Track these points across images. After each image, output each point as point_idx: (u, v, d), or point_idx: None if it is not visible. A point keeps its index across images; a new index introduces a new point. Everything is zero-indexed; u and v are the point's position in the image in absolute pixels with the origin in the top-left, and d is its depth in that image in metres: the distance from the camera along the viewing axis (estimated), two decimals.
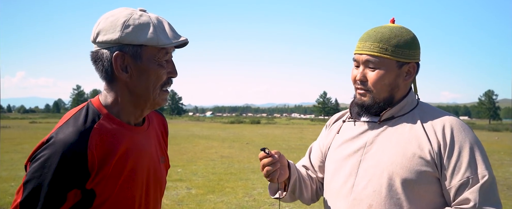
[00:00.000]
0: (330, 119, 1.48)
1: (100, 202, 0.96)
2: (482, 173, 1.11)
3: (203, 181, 7.26)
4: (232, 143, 15.78)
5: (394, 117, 1.25)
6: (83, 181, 0.93)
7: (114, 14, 1.01)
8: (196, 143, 15.41)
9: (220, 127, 33.21)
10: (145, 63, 1.01)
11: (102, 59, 1.00)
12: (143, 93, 1.03)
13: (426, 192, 1.15)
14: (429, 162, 1.14)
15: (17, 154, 10.87)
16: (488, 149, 15.13)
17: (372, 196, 1.17)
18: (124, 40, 0.98)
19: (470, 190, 1.10)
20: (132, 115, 1.07)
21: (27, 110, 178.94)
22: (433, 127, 1.18)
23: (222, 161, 9.99)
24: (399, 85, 1.23)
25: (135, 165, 1.03)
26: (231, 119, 57.41)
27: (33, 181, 0.91)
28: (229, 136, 19.97)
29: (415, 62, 1.24)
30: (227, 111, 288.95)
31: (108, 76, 1.02)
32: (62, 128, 0.96)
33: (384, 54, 1.20)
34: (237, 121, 50.41)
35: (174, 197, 5.90)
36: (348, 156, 1.27)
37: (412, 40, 1.23)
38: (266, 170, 1.22)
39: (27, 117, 69.30)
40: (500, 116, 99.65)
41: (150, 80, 1.02)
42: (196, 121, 58.68)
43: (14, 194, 3.85)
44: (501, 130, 35.75)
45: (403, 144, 1.18)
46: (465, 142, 1.15)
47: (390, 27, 1.25)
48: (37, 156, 0.93)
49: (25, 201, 0.91)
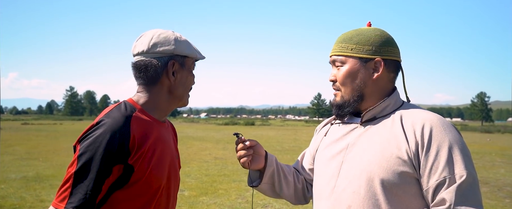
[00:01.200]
0: (319, 124, 1.52)
1: (136, 179, 1.12)
2: (460, 173, 1.08)
3: (196, 182, 7.23)
4: (226, 144, 15.76)
5: (376, 118, 1.25)
6: (125, 157, 1.10)
7: (162, 32, 1.25)
8: (190, 145, 15.36)
9: (214, 129, 33.15)
10: (186, 71, 1.27)
11: (156, 66, 1.22)
12: (181, 94, 1.28)
13: (405, 193, 1.13)
14: (406, 162, 1.12)
15: (8, 156, 10.75)
16: (480, 150, 15.26)
17: (352, 197, 1.17)
18: (177, 51, 1.24)
19: (446, 190, 1.08)
20: (163, 112, 1.28)
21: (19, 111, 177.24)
22: (412, 126, 1.16)
23: (215, 163, 9.97)
24: (366, 82, 1.24)
25: (162, 153, 1.21)
26: (225, 120, 57.38)
27: (86, 154, 1.07)
28: (223, 138, 19.95)
29: (382, 58, 1.23)
30: (222, 112, 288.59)
31: (153, 80, 1.23)
32: (109, 114, 1.15)
33: (345, 52, 1.26)
34: (232, 122, 50.41)
35: None
36: (332, 157, 1.28)
37: (376, 37, 1.24)
38: (238, 154, 1.31)
39: (19, 118, 68.63)
40: (492, 118, 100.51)
41: (186, 84, 1.28)
42: (190, 122, 58.52)
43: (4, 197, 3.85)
44: (493, 132, 36.10)
45: (382, 144, 1.18)
46: (444, 141, 1.11)
47: (358, 29, 1.29)
48: (88, 135, 1.09)
49: (78, 171, 1.06)
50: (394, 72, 1.28)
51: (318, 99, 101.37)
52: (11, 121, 50.02)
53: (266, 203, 5.60)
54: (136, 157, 1.12)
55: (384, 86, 1.27)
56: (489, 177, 8.42)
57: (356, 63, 1.24)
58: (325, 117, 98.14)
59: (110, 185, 1.11)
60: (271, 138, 20.15)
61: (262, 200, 5.77)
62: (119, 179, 1.12)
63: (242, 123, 48.34)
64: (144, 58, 1.23)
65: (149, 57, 1.23)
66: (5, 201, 5.48)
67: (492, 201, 6.10)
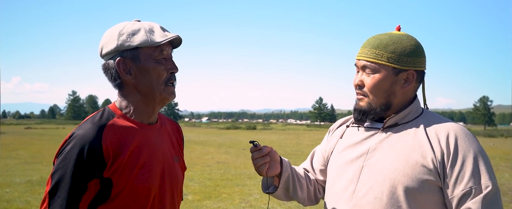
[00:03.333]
0: (333, 124, 1.49)
1: (117, 192, 1.06)
2: (486, 184, 1.09)
3: (200, 187, 7.24)
4: (228, 148, 15.77)
5: (398, 124, 1.24)
6: (100, 170, 1.04)
7: (111, 28, 1.16)
8: (192, 149, 15.38)
9: (216, 133, 33.17)
10: (144, 63, 1.13)
11: (109, 68, 1.14)
12: (149, 90, 1.15)
13: (428, 200, 1.13)
14: (431, 171, 1.12)
15: (12, 159, 10.80)
16: None
17: (373, 203, 1.16)
18: (122, 47, 1.12)
19: (472, 201, 1.08)
20: (145, 114, 1.18)
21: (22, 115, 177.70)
22: (437, 135, 1.17)
23: (218, 167, 9.98)
24: (395, 92, 1.23)
25: (149, 159, 1.13)
26: (227, 125, 57.33)
27: (58, 172, 1.03)
28: (225, 142, 19.96)
29: (414, 70, 1.22)
30: (223, 116, 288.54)
31: (118, 83, 1.16)
32: (82, 125, 1.10)
33: (380, 60, 1.21)
34: (233, 126, 50.37)
35: None
36: (351, 161, 1.26)
37: (412, 48, 1.22)
38: (256, 162, 1.28)
39: (22, 122, 68.85)
40: (495, 122, 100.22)
41: (152, 77, 1.14)
42: (192, 126, 58.58)
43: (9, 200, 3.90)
44: (496, 136, 35.96)
45: (406, 152, 1.17)
46: (469, 151, 1.12)
47: (390, 34, 1.26)
48: (61, 151, 1.06)
49: (52, 190, 1.03)
50: (419, 82, 1.27)
51: (319, 104, 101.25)
52: (14, 125, 50.24)
53: (269, 207, 5.60)
54: (113, 168, 1.05)
55: (409, 95, 1.27)
56: None
57: (390, 74, 1.21)
58: (326, 121, 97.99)
59: (91, 201, 1.05)
60: (273, 142, 20.15)
61: (266, 204, 5.77)
62: (99, 194, 1.05)
63: (244, 127, 48.33)
64: (102, 63, 1.17)
65: (104, 60, 1.16)
66: (10, 205, 5.51)
67: None
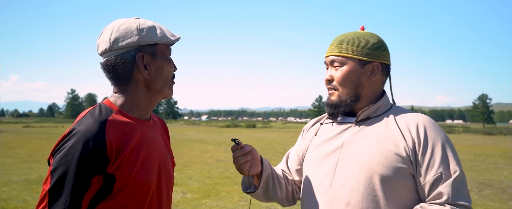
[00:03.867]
0: (307, 124, 1.54)
1: (120, 188, 1.04)
2: (454, 169, 1.17)
3: (199, 185, 7.22)
4: (227, 147, 15.74)
5: (370, 118, 1.31)
6: (104, 166, 1.01)
7: (123, 23, 1.13)
8: (191, 147, 15.37)
9: (215, 131, 33.16)
10: (160, 60, 1.15)
11: (123, 63, 1.11)
12: (161, 87, 1.16)
13: (402, 188, 1.19)
14: (404, 159, 1.18)
15: (10, 158, 10.76)
16: (483, 152, 15.22)
17: (350, 193, 1.20)
18: (142, 41, 1.11)
19: (443, 185, 1.15)
20: (145, 109, 1.17)
21: (21, 114, 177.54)
22: (407, 125, 1.24)
23: (217, 165, 9.96)
24: (363, 83, 1.30)
25: (148, 155, 1.12)
26: (226, 123, 57.38)
27: (59, 169, 0.99)
28: (225, 140, 19.93)
29: (379, 62, 1.30)
30: (223, 114, 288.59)
31: (126, 79, 1.13)
32: (82, 121, 1.06)
33: (346, 53, 1.29)
34: (233, 124, 50.40)
35: None
36: (326, 155, 1.31)
37: (375, 42, 1.31)
38: (237, 160, 1.28)
39: (21, 121, 68.76)
40: (494, 120, 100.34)
41: (164, 74, 1.16)
42: (191, 124, 58.52)
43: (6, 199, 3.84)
44: (495, 134, 36.02)
45: (380, 142, 1.23)
46: (437, 139, 1.20)
47: (356, 32, 1.34)
48: (61, 147, 1.01)
49: (53, 188, 0.99)
50: (385, 76, 1.35)
51: (319, 102, 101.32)
52: (12, 123, 50.15)
53: (268, 206, 5.58)
54: (116, 164, 1.03)
55: (377, 88, 1.34)
56: (493, 179, 8.38)
57: (356, 65, 1.29)
58: None
59: (92, 198, 1.02)
60: (273, 140, 20.14)
61: (265, 202, 5.74)
62: (101, 190, 1.03)
63: (243, 125, 48.33)
64: (110, 58, 1.12)
65: (114, 55, 1.11)
66: (8, 204, 5.48)
67: (495, 204, 6.07)
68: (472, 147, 18.08)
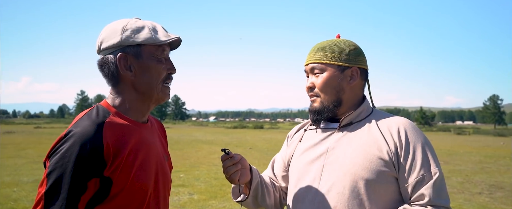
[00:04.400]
0: (291, 130, 1.56)
1: (117, 192, 1.03)
2: (434, 171, 1.20)
3: (206, 186, 7.22)
4: (235, 148, 15.74)
5: (352, 123, 1.34)
6: (100, 169, 1.00)
7: (113, 23, 1.13)
8: (199, 148, 15.40)
9: (223, 132, 33.21)
10: (146, 61, 1.11)
11: (108, 63, 1.11)
12: (147, 89, 1.13)
13: (385, 191, 1.22)
14: (387, 162, 1.22)
15: (21, 159, 10.89)
16: (494, 154, 14.99)
17: (336, 198, 1.22)
18: (125, 42, 1.10)
19: (424, 187, 1.19)
20: (140, 112, 1.15)
21: (32, 115, 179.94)
22: (388, 129, 1.27)
23: None
24: (344, 88, 1.33)
25: (145, 158, 1.11)
26: (234, 124, 57.47)
27: (55, 172, 0.97)
28: (232, 141, 19.94)
29: (357, 67, 1.34)
30: (230, 115, 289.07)
31: (114, 79, 1.12)
32: (78, 123, 1.04)
33: (325, 60, 1.33)
34: (240, 125, 50.45)
35: (176, 203, 5.87)
36: (311, 161, 1.33)
37: (351, 48, 1.35)
38: (226, 170, 1.29)
39: (32, 122, 69.71)
40: (506, 121, 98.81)
41: (152, 76, 1.12)
42: (199, 125, 58.72)
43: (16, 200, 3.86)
44: (507, 135, 35.45)
45: (363, 147, 1.25)
46: (418, 142, 1.24)
47: (332, 40, 1.38)
48: (57, 149, 1.00)
49: (49, 191, 0.97)
50: (364, 81, 1.38)
51: None
52: (24, 124, 50.85)
53: None
54: (113, 167, 1.02)
55: (358, 93, 1.37)
56: (504, 182, 8.24)
57: (335, 71, 1.32)
58: None
59: (88, 201, 1.01)
60: (280, 141, 20.06)
61: None
62: (98, 194, 1.01)
63: (251, 126, 48.35)
64: (100, 57, 1.13)
65: (103, 54, 1.12)
66: (17, 204, 5.53)
67: (507, 207, 5.96)
68: (482, 149, 17.82)
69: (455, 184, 7.85)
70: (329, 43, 1.35)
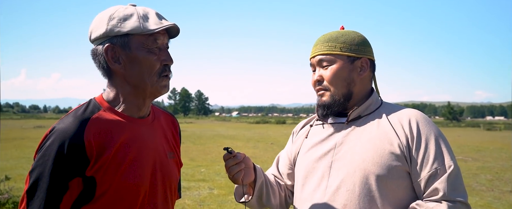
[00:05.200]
0: (297, 126, 1.48)
1: (102, 192, 0.97)
2: (448, 164, 1.14)
3: (226, 181, 7.22)
4: (256, 143, 15.75)
5: (361, 116, 1.27)
6: (82, 168, 0.95)
7: (103, 12, 1.06)
8: (220, 143, 15.48)
9: (245, 127, 33.31)
10: (135, 52, 1.03)
11: (97, 55, 1.04)
12: (139, 82, 1.05)
13: (398, 186, 1.16)
14: (399, 156, 1.16)
15: None
16: None
17: (346, 195, 1.17)
18: (111, 32, 1.02)
19: (438, 181, 1.12)
20: (135, 107, 1.08)
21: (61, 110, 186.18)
22: (399, 121, 1.21)
23: None
24: (354, 80, 1.27)
25: (138, 155, 1.04)
26: (256, 119, 57.60)
27: (36, 170, 0.95)
28: (254, 136, 19.96)
29: (367, 58, 1.28)
30: (253, 111, 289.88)
31: (106, 72, 1.06)
32: (63, 119, 1.00)
33: (334, 51, 1.26)
34: (263, 121, 50.51)
35: (196, 197, 5.90)
36: (319, 158, 1.27)
37: (359, 38, 1.29)
38: (231, 170, 1.23)
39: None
40: None
41: (142, 68, 1.04)
42: (222, 121, 59.18)
43: None
44: None
45: (373, 141, 1.19)
46: (430, 134, 1.18)
47: (338, 31, 1.32)
48: (41, 147, 0.97)
49: (30, 190, 0.94)
50: (373, 72, 1.32)
51: None
52: (53, 119, 52.80)
53: None
54: (96, 166, 0.96)
55: (367, 85, 1.31)
56: None
57: (345, 62, 1.26)
58: None
59: (73, 201, 0.96)
60: None
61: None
62: (83, 194, 0.96)
63: (273, 121, 48.30)
64: (92, 48, 1.06)
65: (93, 46, 1.05)
66: None
67: None
68: None
69: (484, 181, 7.55)
70: (336, 34, 1.29)
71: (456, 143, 16.50)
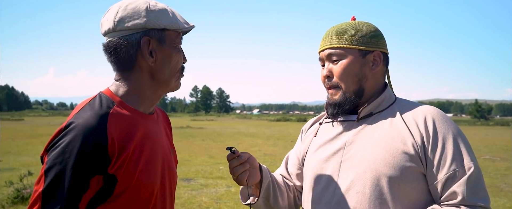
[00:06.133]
0: (305, 124, 1.42)
1: (121, 190, 0.94)
2: (468, 165, 1.05)
3: None
4: (276, 141, 15.67)
5: (373, 114, 1.20)
6: (104, 166, 0.91)
7: (131, 2, 1.02)
8: (240, 140, 15.49)
9: (266, 125, 33.25)
10: (168, 48, 1.03)
11: (127, 46, 1.00)
12: (166, 77, 1.05)
13: (412, 189, 1.08)
14: (413, 157, 1.08)
15: None
16: None
17: (356, 198, 1.10)
18: (150, 25, 1.00)
19: (457, 184, 1.04)
20: (150, 102, 1.06)
21: None
22: (414, 119, 1.13)
23: (264, 159, 9.89)
24: (366, 75, 1.19)
25: (152, 152, 1.02)
26: (277, 117, 57.46)
27: (55, 168, 0.88)
28: (274, 134, 19.88)
29: (380, 51, 1.20)
30: (274, 108, 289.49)
31: (129, 64, 1.02)
32: (80, 114, 0.95)
33: (344, 44, 1.18)
34: (284, 118, 50.33)
35: (213, 195, 5.89)
36: (328, 158, 1.20)
37: (372, 30, 1.21)
38: (234, 171, 1.17)
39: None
40: None
41: (172, 64, 1.04)
42: (243, 118, 59.33)
43: None
44: None
45: (385, 140, 1.12)
46: (448, 133, 1.09)
47: (349, 22, 1.24)
48: (56, 143, 0.90)
49: (47, 189, 0.88)
50: (386, 66, 1.24)
51: None
52: None
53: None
54: (118, 163, 0.93)
55: (380, 80, 1.23)
56: None
57: (357, 56, 1.18)
58: None
59: (90, 200, 0.92)
60: None
61: None
62: (100, 193, 0.93)
63: (294, 119, 48.04)
64: (112, 39, 1.01)
65: (118, 36, 1.00)
66: None
67: None
68: None
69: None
70: (347, 25, 1.21)
71: (484, 142, 15.92)
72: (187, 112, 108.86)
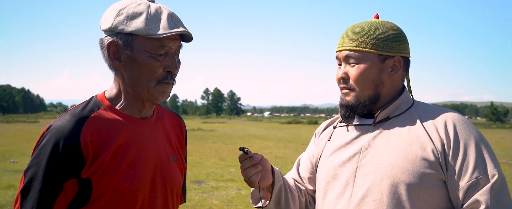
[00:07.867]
0: (319, 126, 1.38)
1: (98, 195, 0.94)
2: (492, 172, 1.01)
3: None
4: (287, 143, 15.62)
5: (390, 118, 1.15)
6: (78, 170, 0.92)
7: (117, 3, 1.01)
8: (251, 143, 15.48)
9: (277, 127, 33.20)
10: (136, 54, 0.97)
11: (102, 48, 1.01)
12: (135, 85, 1.00)
13: (432, 197, 1.04)
14: (433, 163, 1.04)
15: None
16: None
17: (373, 206, 1.07)
18: (116, 28, 0.97)
19: (480, 192, 1.00)
20: (135, 107, 1.03)
21: None
22: (434, 124, 1.09)
23: (275, 162, 9.86)
24: (383, 81, 1.15)
25: (137, 158, 1.00)
26: (288, 119, 57.33)
27: (31, 169, 0.92)
28: (285, 136, 19.83)
29: (400, 56, 1.15)
30: (285, 111, 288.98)
31: (110, 67, 1.02)
32: (62, 117, 0.97)
33: (364, 48, 1.13)
34: (295, 121, 50.22)
35: (224, 198, 5.88)
36: (343, 163, 1.16)
37: (395, 33, 1.15)
38: (245, 172, 1.14)
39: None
40: None
41: (141, 72, 0.98)
42: (254, 121, 59.40)
43: None
44: None
45: (403, 146, 1.08)
46: (470, 138, 1.05)
47: (370, 21, 1.19)
48: (37, 145, 0.94)
49: (24, 189, 0.91)
50: (406, 70, 1.19)
51: None
52: None
53: None
54: (93, 168, 0.92)
55: (398, 85, 1.19)
56: None
57: (375, 61, 1.13)
58: None
59: (69, 203, 0.93)
60: None
61: None
62: (78, 197, 0.93)
63: (305, 122, 47.90)
64: (100, 38, 1.02)
65: (105, 34, 1.01)
66: None
67: None
68: None
69: None
70: (368, 26, 1.15)
71: (500, 146, 15.59)
72: (198, 114, 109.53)
